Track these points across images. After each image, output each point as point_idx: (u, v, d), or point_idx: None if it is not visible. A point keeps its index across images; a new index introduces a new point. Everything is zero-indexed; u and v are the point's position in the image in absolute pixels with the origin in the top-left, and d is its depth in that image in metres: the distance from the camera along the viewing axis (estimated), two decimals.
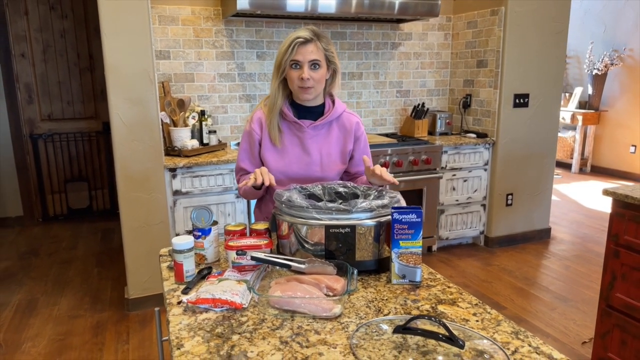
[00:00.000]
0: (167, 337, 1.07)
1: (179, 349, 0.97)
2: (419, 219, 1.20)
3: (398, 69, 3.96)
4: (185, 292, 1.20)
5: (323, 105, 1.71)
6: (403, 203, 1.34)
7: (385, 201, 1.30)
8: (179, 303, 1.16)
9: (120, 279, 3.32)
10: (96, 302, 3.06)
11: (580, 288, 3.21)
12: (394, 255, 1.22)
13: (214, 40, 3.35)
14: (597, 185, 5.95)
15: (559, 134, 6.78)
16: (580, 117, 6.43)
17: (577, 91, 6.68)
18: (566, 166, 6.86)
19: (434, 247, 3.82)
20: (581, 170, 6.69)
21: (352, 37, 3.74)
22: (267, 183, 1.49)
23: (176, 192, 2.91)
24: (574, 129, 6.64)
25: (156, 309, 1.33)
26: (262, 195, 1.76)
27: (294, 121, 1.67)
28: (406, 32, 3.90)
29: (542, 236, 4.08)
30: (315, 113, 1.70)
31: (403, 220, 1.20)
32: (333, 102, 1.73)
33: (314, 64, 1.58)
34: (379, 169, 1.51)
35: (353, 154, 1.76)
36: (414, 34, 3.93)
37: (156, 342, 2.56)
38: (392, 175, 3.79)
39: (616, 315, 2.02)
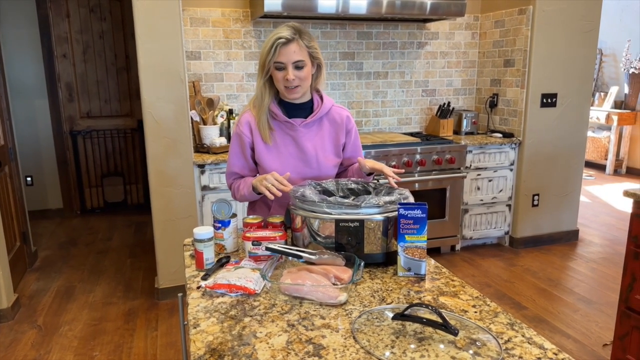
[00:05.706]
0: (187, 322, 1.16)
1: (195, 328, 1.06)
2: (423, 215, 1.25)
3: (424, 69, 3.98)
4: (204, 278, 1.30)
5: (311, 101, 1.71)
6: (411, 200, 1.39)
7: (394, 197, 1.36)
8: (198, 288, 1.26)
9: (151, 269, 3.48)
10: (129, 290, 3.22)
11: (605, 290, 3.17)
12: (400, 249, 1.29)
13: (243, 41, 3.46)
14: (632, 187, 5.77)
15: (593, 135, 6.62)
16: (615, 117, 6.26)
17: (613, 90, 6.51)
18: (600, 167, 6.69)
19: (457, 247, 3.83)
20: (616, 172, 6.51)
21: (378, 37, 3.79)
22: (288, 189, 1.49)
23: (204, 188, 3.03)
24: (609, 129, 6.47)
25: (179, 294, 1.43)
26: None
27: (285, 120, 1.67)
28: (432, 31, 3.92)
29: (570, 238, 4.03)
30: (304, 110, 1.69)
31: (409, 215, 1.26)
32: (321, 97, 1.73)
33: (298, 65, 1.56)
34: (379, 165, 1.61)
35: (344, 147, 1.78)
36: (441, 34, 3.94)
37: None
38: (418, 174, 3.70)
39: (635, 317, 2.02)
